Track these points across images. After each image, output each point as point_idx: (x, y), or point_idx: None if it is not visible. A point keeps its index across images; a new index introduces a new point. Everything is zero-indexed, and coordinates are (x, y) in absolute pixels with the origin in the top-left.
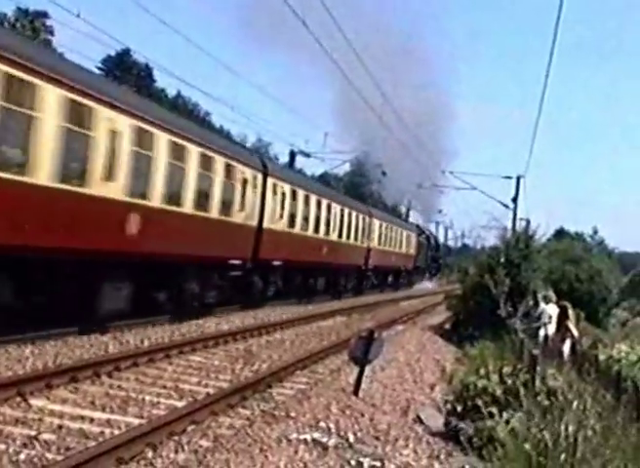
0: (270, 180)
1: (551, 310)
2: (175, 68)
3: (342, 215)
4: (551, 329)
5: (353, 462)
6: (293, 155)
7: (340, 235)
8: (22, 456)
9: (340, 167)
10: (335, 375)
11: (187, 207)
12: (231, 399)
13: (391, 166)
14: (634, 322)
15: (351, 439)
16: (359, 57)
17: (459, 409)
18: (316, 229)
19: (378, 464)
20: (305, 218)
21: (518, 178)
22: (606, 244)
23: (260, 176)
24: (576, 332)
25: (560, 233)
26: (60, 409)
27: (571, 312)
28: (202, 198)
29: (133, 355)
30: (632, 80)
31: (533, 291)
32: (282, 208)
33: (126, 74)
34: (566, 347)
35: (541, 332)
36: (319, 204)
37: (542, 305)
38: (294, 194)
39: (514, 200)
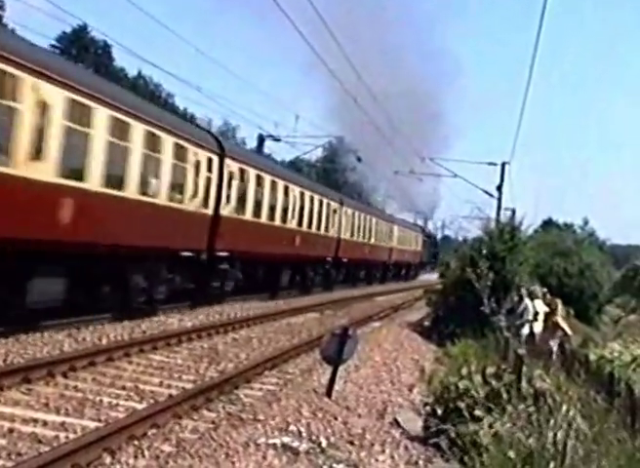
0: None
1: (538, 307)
2: (135, 46)
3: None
4: (538, 326)
5: None
6: (261, 139)
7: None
8: None
9: (313, 152)
10: (306, 376)
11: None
12: (195, 400)
13: (367, 152)
14: (627, 320)
15: (324, 444)
16: (329, 29)
17: (439, 411)
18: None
19: None
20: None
21: (503, 165)
22: (597, 236)
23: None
24: (569, 330)
25: (548, 224)
26: (12, 412)
27: (561, 308)
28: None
29: (90, 354)
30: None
31: (518, 285)
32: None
33: (83, 52)
34: (554, 346)
35: (525, 330)
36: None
37: (526, 301)
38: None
39: (499, 188)
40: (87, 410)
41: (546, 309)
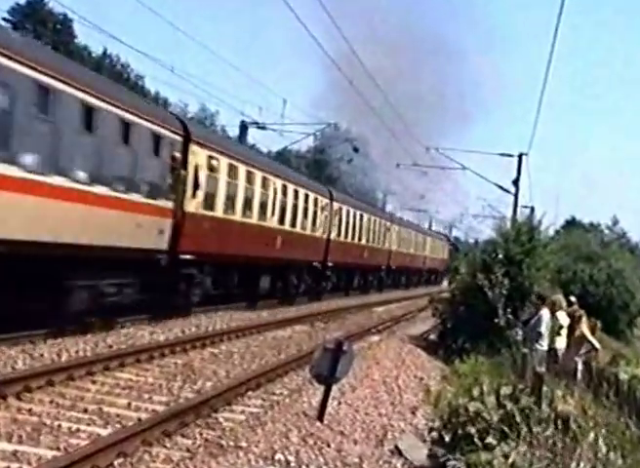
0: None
1: (561, 318)
2: (100, 21)
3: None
4: (561, 341)
5: None
6: (244, 127)
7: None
8: None
9: (304, 142)
10: (295, 396)
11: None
12: (168, 425)
13: (364, 141)
14: None
15: None
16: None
17: (446, 438)
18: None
19: None
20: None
21: (520, 157)
22: (628, 237)
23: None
24: (597, 343)
25: (571, 224)
26: None
27: (585, 320)
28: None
29: (47, 372)
30: None
31: (537, 294)
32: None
33: (40, 27)
34: (579, 364)
35: (540, 345)
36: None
37: (543, 311)
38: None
39: (515, 183)
40: (43, 437)
41: (569, 321)
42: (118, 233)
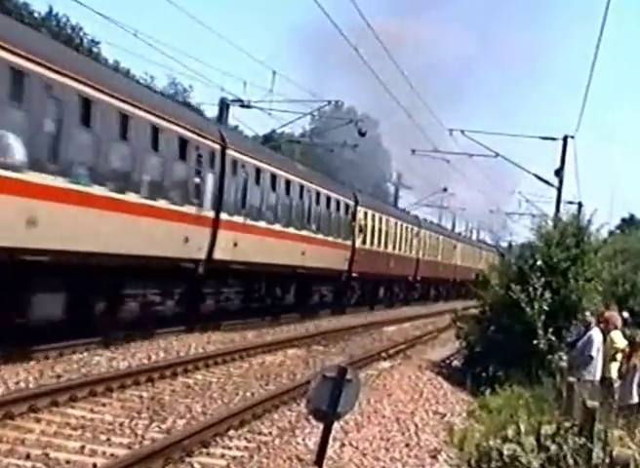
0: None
1: (617, 340)
2: None
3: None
4: (617, 368)
5: None
6: (225, 105)
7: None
8: None
9: (298, 123)
10: (287, 437)
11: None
12: None
13: (372, 123)
14: None
15: None
16: None
17: None
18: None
19: None
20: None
21: (565, 140)
22: None
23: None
24: None
25: (629, 223)
26: None
27: None
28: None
29: None
30: None
31: (587, 310)
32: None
33: None
34: (635, 396)
35: (591, 373)
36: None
37: (593, 331)
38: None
39: (559, 173)
40: None
41: (626, 343)
42: (329, 260)
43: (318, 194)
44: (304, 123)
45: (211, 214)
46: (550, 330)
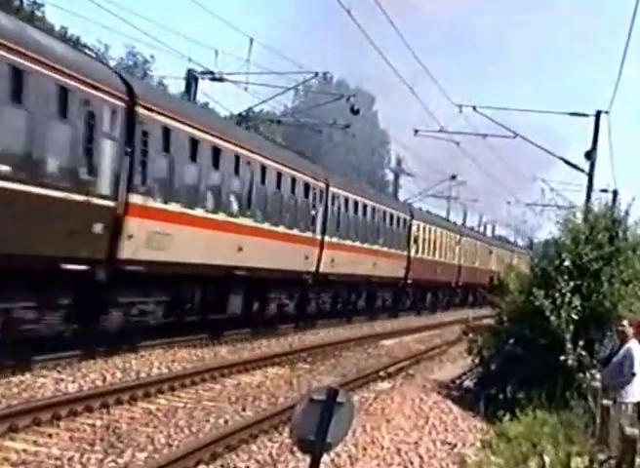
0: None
1: None
2: None
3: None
4: None
5: None
6: (193, 78)
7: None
8: None
9: (280, 100)
10: None
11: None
12: None
13: (367, 99)
14: None
15: None
16: None
17: None
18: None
19: None
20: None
21: (598, 117)
22: None
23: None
24: None
25: None
26: None
27: None
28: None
29: None
30: None
31: (624, 319)
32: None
33: None
34: None
35: (629, 395)
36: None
37: (631, 345)
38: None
39: (590, 156)
40: None
41: None
42: (392, 270)
43: (384, 212)
44: (287, 99)
45: (319, 237)
46: (580, 343)
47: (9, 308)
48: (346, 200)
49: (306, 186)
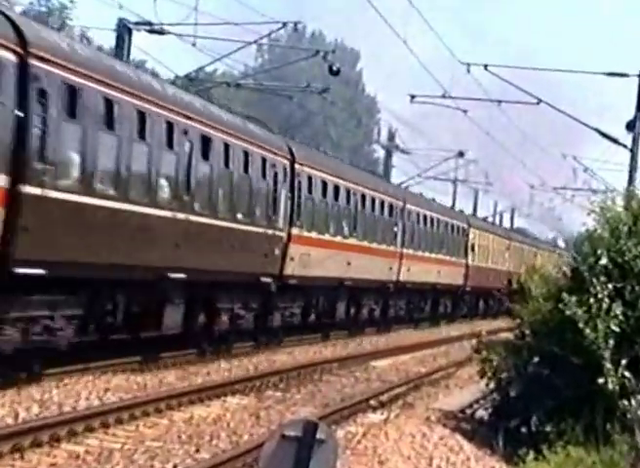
0: (472, 231)
1: None
2: None
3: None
4: None
5: None
6: (124, 30)
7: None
8: None
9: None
10: None
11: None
12: None
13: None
14: None
15: None
16: None
17: None
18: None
19: None
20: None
21: None
22: None
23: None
24: None
25: None
26: None
27: None
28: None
29: None
30: None
31: None
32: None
33: None
34: None
35: None
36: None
37: None
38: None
39: (632, 127)
40: None
41: None
42: (453, 277)
43: (446, 224)
44: (248, 58)
45: (399, 249)
46: (623, 361)
47: (232, 308)
48: (418, 214)
49: (391, 206)
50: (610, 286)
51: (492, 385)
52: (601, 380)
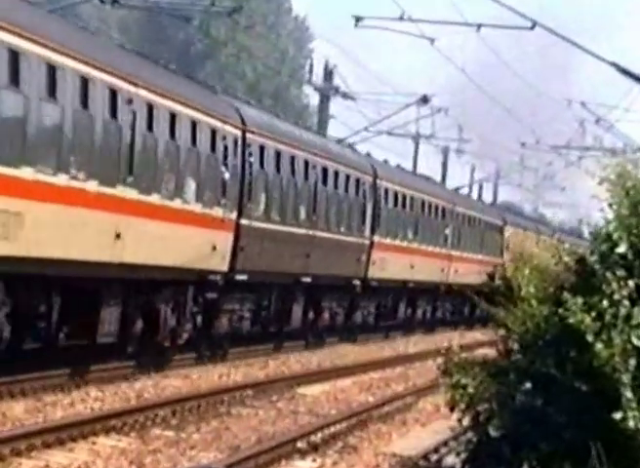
0: (509, 228)
1: None
2: None
3: None
4: None
5: None
6: None
7: None
8: None
9: None
10: None
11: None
12: None
13: None
14: None
15: None
16: None
17: None
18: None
19: None
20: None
21: None
22: None
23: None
24: None
25: None
26: None
27: None
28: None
29: None
30: None
31: None
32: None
33: None
34: None
35: None
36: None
37: None
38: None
39: None
40: None
41: None
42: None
43: (487, 223)
44: None
45: (449, 252)
46: None
47: (330, 307)
48: (464, 216)
49: (444, 210)
50: (630, 283)
51: (465, 421)
52: (618, 415)
